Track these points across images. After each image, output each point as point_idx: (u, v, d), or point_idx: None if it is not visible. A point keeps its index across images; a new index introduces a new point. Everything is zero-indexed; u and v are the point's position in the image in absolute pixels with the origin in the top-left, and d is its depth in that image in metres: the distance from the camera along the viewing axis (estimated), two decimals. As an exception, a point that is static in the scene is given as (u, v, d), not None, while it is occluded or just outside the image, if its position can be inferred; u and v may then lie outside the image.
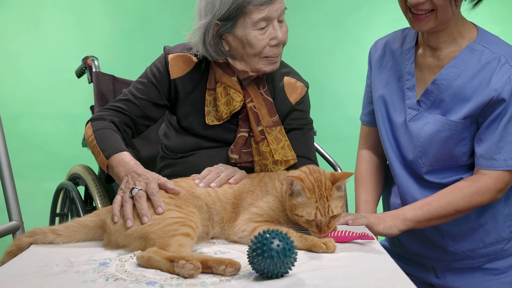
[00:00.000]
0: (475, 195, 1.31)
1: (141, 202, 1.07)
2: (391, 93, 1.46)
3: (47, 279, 0.86)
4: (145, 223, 1.03)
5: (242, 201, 1.17)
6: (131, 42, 3.55)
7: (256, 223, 1.11)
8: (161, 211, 1.06)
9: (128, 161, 1.23)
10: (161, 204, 1.07)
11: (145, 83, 1.43)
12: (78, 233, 1.10)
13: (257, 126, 1.40)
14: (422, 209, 1.32)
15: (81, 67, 2.16)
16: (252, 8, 1.28)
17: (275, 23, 1.31)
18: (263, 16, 1.29)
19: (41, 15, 3.49)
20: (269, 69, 1.37)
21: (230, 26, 1.32)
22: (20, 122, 3.38)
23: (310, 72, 1.95)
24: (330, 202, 1.06)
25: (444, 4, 1.25)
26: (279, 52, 1.36)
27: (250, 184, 1.21)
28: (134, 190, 1.10)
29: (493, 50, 1.32)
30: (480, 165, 1.33)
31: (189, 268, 0.86)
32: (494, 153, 1.30)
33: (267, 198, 1.16)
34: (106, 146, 1.27)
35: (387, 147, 1.48)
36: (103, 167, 1.27)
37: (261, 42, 1.31)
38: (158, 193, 1.10)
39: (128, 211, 1.07)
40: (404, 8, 1.32)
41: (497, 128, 1.29)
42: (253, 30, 1.30)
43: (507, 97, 1.27)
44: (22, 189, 1.71)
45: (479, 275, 1.43)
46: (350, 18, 3.64)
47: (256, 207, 1.14)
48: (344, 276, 0.87)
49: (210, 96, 1.42)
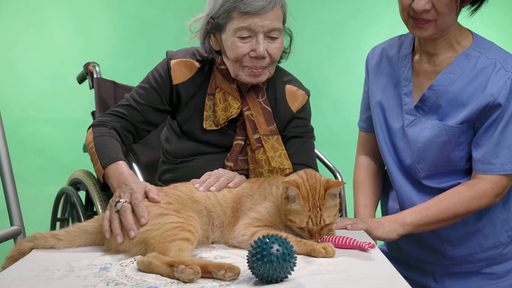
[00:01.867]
0: (473, 200, 1.32)
1: (126, 216, 1.07)
2: (388, 99, 1.48)
3: (48, 283, 0.87)
4: (132, 237, 1.03)
5: (242, 206, 1.18)
6: (132, 48, 3.56)
7: (256, 227, 1.11)
8: (144, 222, 1.05)
9: (122, 171, 1.23)
10: (143, 214, 1.07)
11: (147, 88, 1.44)
12: (79, 238, 1.11)
13: (253, 134, 1.41)
14: (421, 213, 1.33)
15: (83, 73, 2.17)
16: (236, 15, 1.31)
17: (260, 37, 1.31)
18: (244, 25, 1.30)
19: (43, 21, 3.51)
20: (250, 81, 1.38)
21: (219, 27, 1.35)
22: (21, 127, 3.39)
23: (309, 77, 1.96)
24: (323, 212, 1.07)
25: (447, 13, 1.26)
26: (260, 65, 1.35)
27: (249, 189, 1.22)
28: (118, 204, 1.10)
29: (489, 56, 1.33)
30: (478, 170, 1.34)
31: (188, 273, 0.86)
32: (492, 158, 1.31)
33: (265, 204, 1.16)
34: (104, 154, 1.28)
35: (385, 152, 1.48)
36: (99, 176, 1.28)
37: (240, 49, 1.33)
38: (141, 203, 1.09)
39: (116, 227, 1.07)
40: (406, 16, 1.32)
41: (494, 133, 1.30)
42: (233, 36, 1.33)
43: (503, 102, 1.28)
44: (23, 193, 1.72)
45: (477, 279, 1.43)
46: (349, 24, 3.65)
47: (255, 212, 1.15)
48: (343, 281, 0.87)
49: (210, 101, 1.43)
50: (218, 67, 1.43)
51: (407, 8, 1.30)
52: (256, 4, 1.29)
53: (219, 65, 1.43)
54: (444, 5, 1.25)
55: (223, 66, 1.42)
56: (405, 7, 1.30)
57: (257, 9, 1.29)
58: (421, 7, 1.25)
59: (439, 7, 1.25)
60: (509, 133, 1.30)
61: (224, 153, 1.44)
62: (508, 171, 1.31)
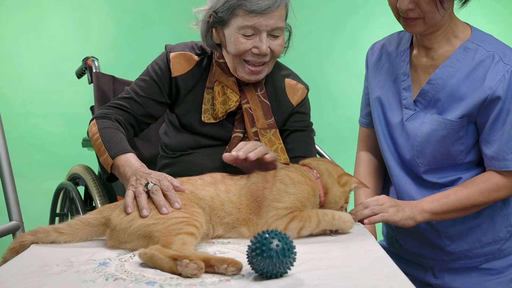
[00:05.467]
0: (491, 192, 1.33)
1: (158, 195, 1.07)
2: (387, 94, 1.47)
3: (47, 278, 0.87)
4: (164, 214, 1.03)
5: (263, 200, 1.14)
6: (131, 43, 3.56)
7: (285, 217, 1.11)
8: (178, 206, 1.06)
9: (134, 162, 1.23)
10: (177, 199, 1.07)
11: (147, 81, 1.45)
12: (81, 231, 1.10)
13: (251, 127, 1.42)
14: (440, 201, 1.33)
15: (81, 67, 2.16)
16: (241, 13, 1.31)
17: (263, 35, 1.32)
18: (249, 24, 1.31)
19: (42, 16, 3.50)
20: (249, 79, 1.38)
21: (222, 22, 1.35)
22: (20, 122, 3.39)
23: (309, 73, 1.96)
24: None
25: (432, 10, 1.27)
26: (261, 60, 1.36)
27: (263, 182, 1.18)
28: (149, 185, 1.10)
29: (487, 48, 1.32)
30: (493, 167, 1.33)
31: (192, 267, 0.86)
32: (506, 154, 1.30)
33: (294, 189, 1.15)
34: (112, 145, 1.28)
35: (384, 147, 1.48)
36: (107, 167, 1.27)
37: (242, 45, 1.33)
38: (173, 190, 1.10)
39: (143, 201, 1.06)
40: (397, 15, 1.34)
41: (503, 127, 1.29)
42: (237, 32, 1.33)
43: (503, 95, 1.28)
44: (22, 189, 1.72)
45: (477, 275, 1.43)
46: (349, 20, 3.65)
47: (280, 202, 1.13)
48: (342, 276, 0.87)
49: (209, 95, 1.44)
50: (217, 61, 1.44)
51: (395, 8, 1.31)
52: (262, 3, 1.29)
53: (218, 58, 1.43)
54: (426, 3, 1.26)
55: (222, 60, 1.43)
56: (393, 7, 1.32)
57: (263, 8, 1.29)
58: (405, 6, 1.27)
59: (421, 5, 1.26)
60: None
61: (223, 147, 1.44)
62: None
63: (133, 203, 1.08)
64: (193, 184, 1.17)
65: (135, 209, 1.07)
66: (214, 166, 1.42)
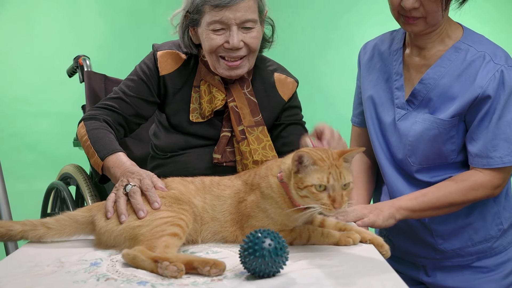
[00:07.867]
0: (470, 190, 1.33)
1: (135, 197, 1.06)
2: (379, 94, 1.48)
3: (38, 279, 0.86)
4: (142, 217, 1.02)
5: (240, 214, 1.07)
6: (123, 42, 3.54)
7: None
8: (157, 206, 1.04)
9: (124, 161, 1.22)
10: (156, 199, 1.06)
11: (135, 80, 1.44)
12: (69, 227, 1.08)
13: (238, 125, 1.42)
14: (417, 199, 1.34)
15: (73, 66, 2.15)
16: (208, 9, 1.32)
17: (233, 29, 1.32)
18: (216, 19, 1.32)
19: (34, 14, 3.46)
20: (229, 74, 1.38)
21: (195, 22, 1.36)
22: (11, 121, 3.35)
23: (302, 71, 1.96)
24: (341, 170, 0.96)
25: (435, 10, 1.28)
26: (236, 55, 1.35)
27: (244, 192, 1.09)
28: (128, 187, 1.09)
29: (478, 49, 1.34)
30: (476, 164, 1.34)
31: (172, 270, 0.85)
32: (489, 151, 1.31)
33: (265, 204, 1.05)
34: (101, 147, 1.27)
35: (376, 146, 1.49)
36: (97, 169, 1.26)
37: (213, 41, 1.34)
38: (153, 189, 1.08)
39: (121, 206, 1.05)
40: (397, 14, 1.34)
41: (488, 126, 1.31)
42: (207, 29, 1.34)
43: (493, 94, 1.29)
44: (13, 188, 1.70)
45: (469, 273, 1.44)
46: (342, 18, 3.65)
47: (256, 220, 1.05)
48: (335, 275, 0.87)
49: (196, 94, 1.44)
50: (203, 60, 1.44)
51: (397, 7, 1.31)
52: None
53: (203, 57, 1.44)
54: (431, 2, 1.27)
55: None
56: (395, 6, 1.32)
57: (226, 1, 1.29)
58: (410, 5, 1.27)
59: (426, 5, 1.27)
60: (504, 125, 1.30)
61: (213, 147, 1.44)
62: (507, 163, 1.32)
63: (113, 207, 1.07)
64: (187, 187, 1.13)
65: (115, 213, 1.06)
66: (205, 166, 1.42)
